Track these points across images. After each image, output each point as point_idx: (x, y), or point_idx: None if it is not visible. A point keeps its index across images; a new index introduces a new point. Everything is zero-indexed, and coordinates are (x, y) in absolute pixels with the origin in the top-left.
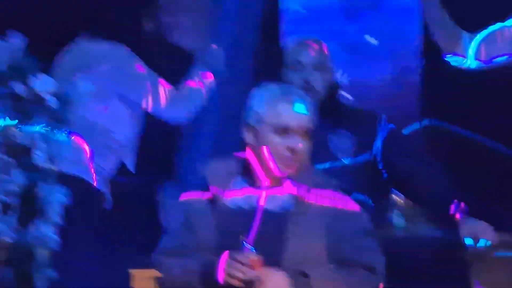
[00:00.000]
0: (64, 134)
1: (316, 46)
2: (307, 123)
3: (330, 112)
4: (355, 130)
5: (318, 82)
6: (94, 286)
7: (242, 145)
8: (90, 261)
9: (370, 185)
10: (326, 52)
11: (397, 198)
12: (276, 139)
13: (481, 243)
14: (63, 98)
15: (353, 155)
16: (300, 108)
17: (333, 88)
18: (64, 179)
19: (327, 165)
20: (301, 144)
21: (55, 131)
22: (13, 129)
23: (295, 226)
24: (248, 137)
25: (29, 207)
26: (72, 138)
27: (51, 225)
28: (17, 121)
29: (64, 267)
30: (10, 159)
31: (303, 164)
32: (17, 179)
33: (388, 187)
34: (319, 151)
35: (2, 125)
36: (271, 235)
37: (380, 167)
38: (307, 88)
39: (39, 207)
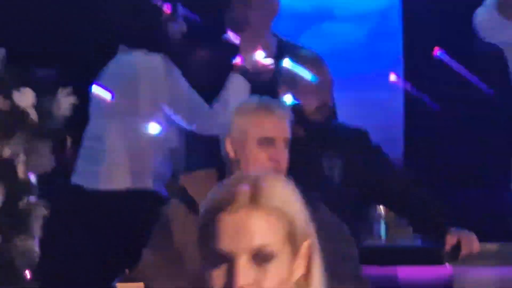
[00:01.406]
0: None
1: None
2: (288, 132)
3: (322, 134)
4: (344, 151)
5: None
6: None
7: (220, 159)
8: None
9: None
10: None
11: (380, 209)
12: (258, 150)
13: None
14: (44, 112)
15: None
16: (281, 118)
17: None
18: None
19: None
20: (283, 155)
21: (37, 145)
22: None
23: None
24: (228, 149)
25: (11, 221)
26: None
27: (33, 239)
28: None
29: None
30: None
31: (284, 173)
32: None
33: (373, 201)
34: (312, 172)
35: None
36: None
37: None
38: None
39: (21, 220)
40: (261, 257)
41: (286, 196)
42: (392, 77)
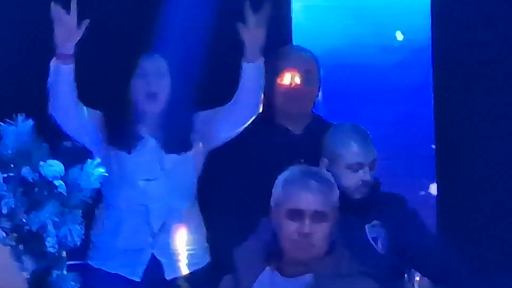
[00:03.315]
0: None
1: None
2: (320, 206)
3: (365, 204)
4: (386, 219)
5: None
6: None
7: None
8: None
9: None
10: None
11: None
12: (286, 222)
13: None
14: (72, 184)
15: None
16: (312, 190)
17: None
18: None
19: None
20: (312, 228)
21: (66, 217)
22: (23, 215)
23: None
24: (272, 219)
25: None
26: None
27: None
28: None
29: None
30: (21, 246)
31: (321, 248)
32: (28, 266)
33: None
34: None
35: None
36: None
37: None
38: None
39: None
40: None
41: None
42: None
